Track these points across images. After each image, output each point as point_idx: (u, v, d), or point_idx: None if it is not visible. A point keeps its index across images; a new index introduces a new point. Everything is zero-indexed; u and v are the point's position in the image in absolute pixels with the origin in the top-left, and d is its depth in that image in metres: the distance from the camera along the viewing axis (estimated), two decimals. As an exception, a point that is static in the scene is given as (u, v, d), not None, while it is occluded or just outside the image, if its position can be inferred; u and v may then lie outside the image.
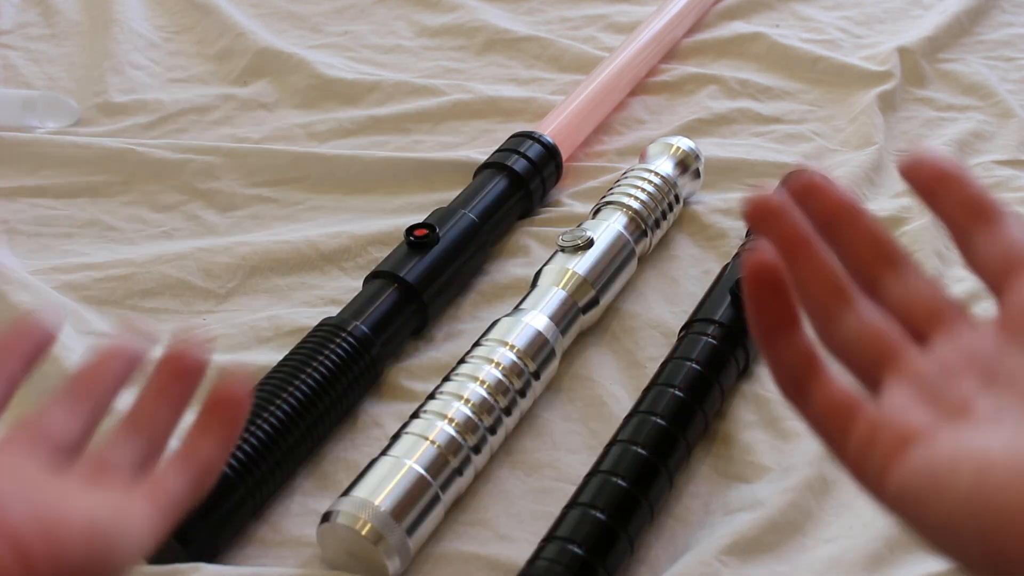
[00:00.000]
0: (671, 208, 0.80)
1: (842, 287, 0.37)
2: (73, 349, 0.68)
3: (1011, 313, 0.35)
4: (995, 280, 0.36)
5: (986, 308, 0.37)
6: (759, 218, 0.37)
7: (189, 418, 0.42)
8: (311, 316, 0.73)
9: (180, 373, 0.42)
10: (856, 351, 0.37)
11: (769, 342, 0.36)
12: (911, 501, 0.33)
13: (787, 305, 0.36)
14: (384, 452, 0.59)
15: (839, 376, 0.36)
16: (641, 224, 0.77)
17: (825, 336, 0.37)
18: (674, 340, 0.70)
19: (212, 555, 0.57)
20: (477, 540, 0.60)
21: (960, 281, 0.75)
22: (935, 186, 0.38)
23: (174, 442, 0.41)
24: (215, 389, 0.42)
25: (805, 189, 0.39)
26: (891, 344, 0.36)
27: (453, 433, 0.60)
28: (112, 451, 0.40)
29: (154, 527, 0.38)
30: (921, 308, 0.37)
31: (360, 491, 0.56)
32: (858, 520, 0.58)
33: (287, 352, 0.67)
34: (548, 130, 0.87)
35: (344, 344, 0.66)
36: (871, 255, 0.38)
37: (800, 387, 0.36)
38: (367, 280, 0.73)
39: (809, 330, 0.37)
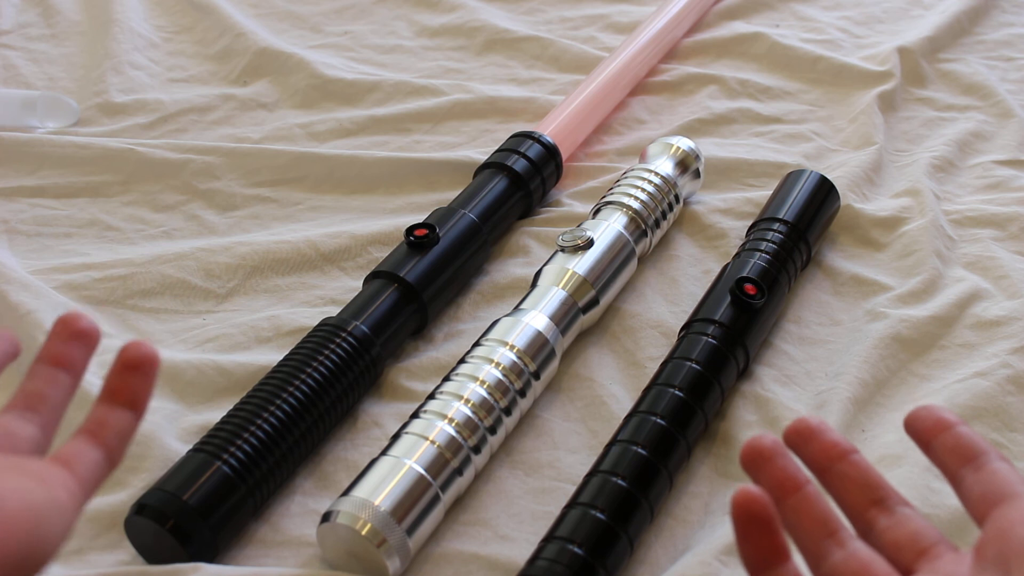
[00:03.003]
0: (671, 208, 0.80)
1: (831, 524, 0.40)
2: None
3: (985, 541, 0.38)
4: (978, 514, 0.40)
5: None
6: (752, 462, 0.41)
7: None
8: (311, 316, 0.73)
9: (75, 336, 0.41)
10: None
11: (758, 575, 0.39)
12: None
13: (775, 540, 0.39)
14: (384, 452, 0.59)
15: None
16: (641, 224, 0.77)
17: (815, 570, 0.40)
18: (674, 340, 0.70)
19: (212, 555, 0.57)
20: (477, 540, 0.59)
21: (960, 281, 0.75)
22: (929, 437, 0.42)
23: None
24: (123, 351, 0.41)
25: (800, 434, 0.43)
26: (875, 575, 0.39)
27: (453, 433, 0.60)
28: (13, 429, 0.39)
29: (79, 505, 0.37)
30: (909, 545, 0.40)
31: (360, 491, 0.56)
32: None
33: (287, 352, 0.67)
34: (548, 130, 0.87)
35: (344, 344, 0.66)
36: (865, 499, 0.42)
37: None
38: (367, 280, 0.73)
39: (798, 560, 0.40)
